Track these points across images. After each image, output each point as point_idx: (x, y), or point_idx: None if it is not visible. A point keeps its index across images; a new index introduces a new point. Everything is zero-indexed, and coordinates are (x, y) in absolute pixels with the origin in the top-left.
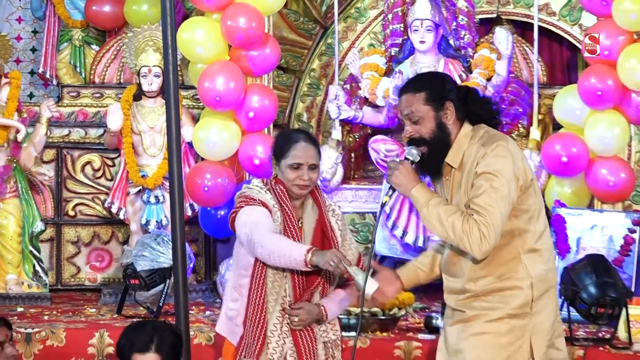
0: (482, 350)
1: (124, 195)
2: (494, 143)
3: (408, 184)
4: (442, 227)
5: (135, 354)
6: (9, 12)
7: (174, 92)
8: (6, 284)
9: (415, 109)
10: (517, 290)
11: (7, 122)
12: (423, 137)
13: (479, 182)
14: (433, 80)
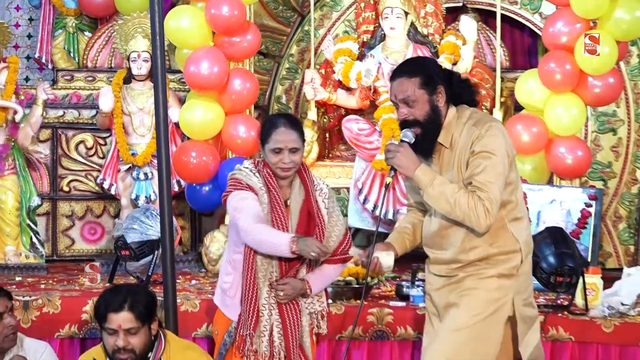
0: (474, 303)
1: (115, 172)
2: (486, 124)
3: (411, 164)
4: (447, 205)
5: (110, 314)
6: (9, 1)
7: (162, 76)
8: (5, 255)
9: (411, 93)
10: (506, 255)
11: (5, 103)
12: (417, 119)
13: (477, 161)
14: (426, 65)
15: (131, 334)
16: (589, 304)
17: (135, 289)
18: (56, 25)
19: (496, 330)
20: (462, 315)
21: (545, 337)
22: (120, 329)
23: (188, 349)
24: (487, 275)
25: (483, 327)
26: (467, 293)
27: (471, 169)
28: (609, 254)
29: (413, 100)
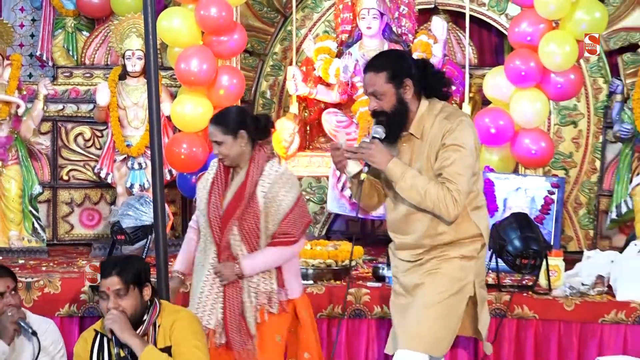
0: (439, 281)
1: (112, 162)
2: (457, 118)
3: (383, 159)
4: (418, 196)
5: (102, 280)
6: (14, 3)
7: (154, 73)
8: (9, 239)
9: (379, 88)
10: (469, 240)
11: (8, 98)
12: (385, 111)
13: (448, 153)
14: (394, 60)
15: (120, 296)
16: (551, 285)
17: (126, 257)
18: (56, 26)
19: (459, 308)
20: (429, 293)
21: (511, 315)
22: (109, 291)
23: (180, 311)
24: (450, 256)
25: (449, 304)
26: (432, 272)
27: (441, 161)
28: (570, 238)
29: (381, 93)
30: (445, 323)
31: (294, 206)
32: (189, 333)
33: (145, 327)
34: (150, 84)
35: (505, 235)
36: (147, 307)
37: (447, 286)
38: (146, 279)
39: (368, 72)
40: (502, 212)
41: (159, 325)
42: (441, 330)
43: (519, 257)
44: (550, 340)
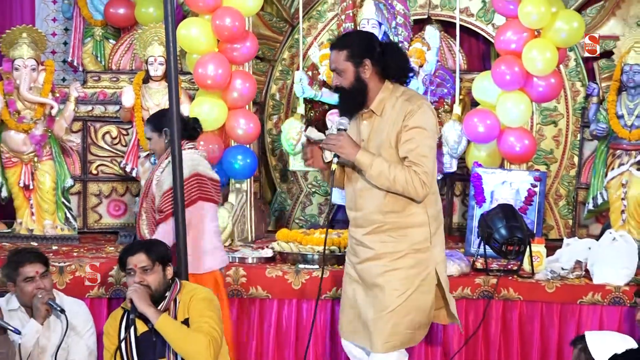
0: (397, 283)
1: (136, 158)
2: (418, 101)
3: (352, 149)
4: (387, 181)
5: (128, 257)
6: (46, 13)
7: (175, 77)
8: (44, 227)
9: (339, 65)
10: (417, 227)
11: (43, 100)
12: (344, 87)
13: (411, 135)
14: (356, 40)
15: (145, 272)
16: (534, 269)
17: (151, 239)
18: (86, 34)
19: (426, 300)
20: (388, 297)
21: (497, 296)
22: (136, 267)
23: (197, 288)
24: (402, 254)
25: (413, 302)
26: (389, 275)
27: (407, 145)
28: (551, 227)
29: (341, 70)
30: (412, 320)
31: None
32: (204, 305)
33: (166, 303)
34: (170, 87)
35: (492, 224)
36: (169, 285)
37: (406, 286)
38: (168, 260)
39: (332, 49)
40: (490, 204)
41: (179, 301)
42: (408, 329)
43: (505, 244)
44: (533, 319)
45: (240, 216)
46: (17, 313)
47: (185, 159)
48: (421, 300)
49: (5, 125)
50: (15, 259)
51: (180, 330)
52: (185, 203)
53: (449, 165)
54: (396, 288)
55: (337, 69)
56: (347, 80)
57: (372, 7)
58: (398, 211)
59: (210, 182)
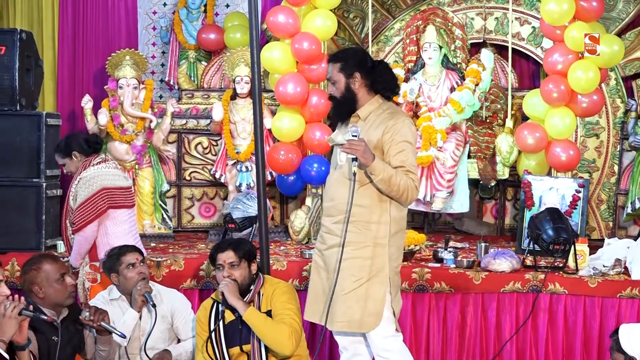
0: (355, 269)
1: (224, 165)
2: (401, 117)
3: (370, 155)
4: (393, 185)
5: (218, 254)
6: (147, 39)
7: (259, 94)
8: (143, 227)
9: (333, 75)
10: (379, 225)
11: (144, 114)
12: (335, 96)
13: (402, 147)
14: (349, 55)
15: (233, 267)
16: (578, 266)
17: (238, 238)
18: (181, 57)
19: (379, 290)
20: (346, 280)
21: (545, 290)
22: (225, 263)
23: (280, 282)
24: (363, 245)
25: (366, 289)
26: (350, 262)
27: (400, 156)
28: (593, 228)
29: (334, 80)
30: (364, 306)
31: (85, 202)
32: (285, 298)
33: (251, 295)
34: (255, 103)
35: (540, 226)
36: (254, 279)
37: (362, 274)
38: (253, 256)
39: (329, 62)
40: (538, 208)
41: (262, 294)
42: (361, 313)
43: (552, 243)
44: (577, 311)
45: (316, 217)
46: (118, 302)
47: (92, 176)
48: (374, 289)
49: (110, 137)
50: (117, 252)
51: (265, 321)
52: (97, 214)
53: (501, 173)
54: (353, 274)
55: (331, 79)
56: (338, 90)
57: (433, 32)
58: (365, 206)
59: (118, 190)
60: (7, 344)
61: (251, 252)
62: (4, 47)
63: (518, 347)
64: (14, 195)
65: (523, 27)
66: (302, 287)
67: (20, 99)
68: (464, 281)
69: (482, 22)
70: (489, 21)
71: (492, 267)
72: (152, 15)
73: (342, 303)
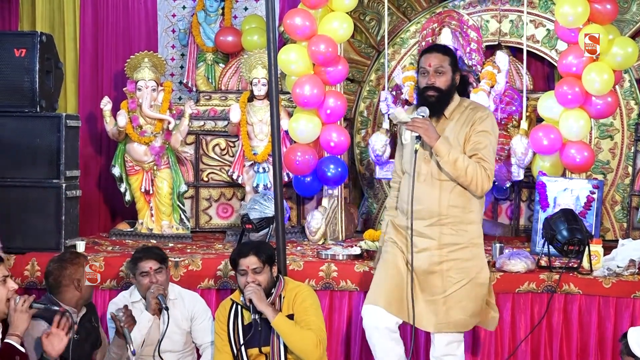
0: (454, 271)
1: (242, 166)
2: (486, 111)
3: (435, 135)
4: (460, 170)
5: (241, 259)
6: (166, 41)
7: (276, 96)
8: (161, 227)
9: (444, 65)
10: (474, 224)
11: (162, 116)
12: (440, 87)
13: (480, 138)
14: (454, 53)
15: (257, 273)
16: (593, 266)
17: (259, 242)
18: (199, 59)
19: (480, 291)
20: (446, 283)
21: (560, 291)
22: (249, 269)
23: (300, 285)
24: (460, 246)
25: (467, 291)
26: (447, 263)
27: (475, 144)
28: (607, 229)
29: (443, 71)
30: (467, 304)
31: None
32: (309, 304)
33: (273, 298)
34: (272, 105)
35: (555, 227)
36: (275, 282)
37: (463, 275)
38: (274, 259)
39: (435, 52)
40: (553, 208)
41: (284, 296)
42: (465, 311)
43: (566, 244)
44: (591, 311)
45: (332, 218)
46: (139, 304)
47: None
48: (475, 290)
49: (129, 138)
50: (136, 255)
51: (294, 328)
52: None
53: (516, 174)
54: (452, 276)
55: (440, 69)
56: (445, 82)
57: (449, 35)
58: (460, 206)
59: None
60: (22, 337)
61: (272, 255)
62: (24, 49)
63: (533, 347)
64: (34, 196)
65: (538, 29)
66: (319, 287)
67: (40, 100)
68: None
69: (497, 25)
70: (503, 24)
71: (507, 267)
72: (171, 18)
73: (443, 305)
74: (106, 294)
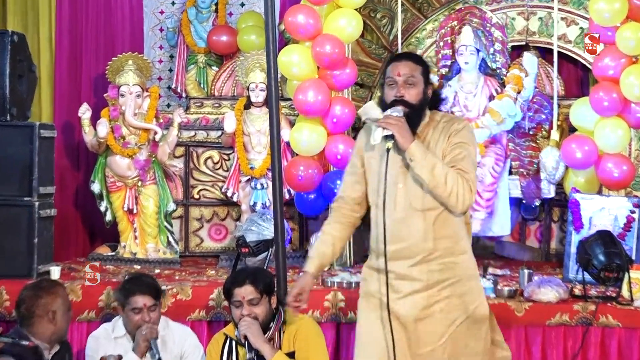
0: (448, 310)
1: (237, 182)
2: (462, 121)
3: (409, 136)
4: (438, 177)
5: (235, 289)
6: (154, 41)
7: (275, 103)
8: (147, 251)
9: (416, 75)
10: (466, 254)
11: (147, 125)
12: (410, 101)
13: (457, 149)
14: (426, 63)
15: (253, 305)
16: (633, 295)
17: (256, 269)
18: (189, 61)
19: (480, 328)
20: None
21: (596, 323)
22: (244, 300)
23: (302, 318)
24: (452, 281)
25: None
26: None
27: (452, 156)
28: None
29: (414, 82)
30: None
31: None
32: (311, 339)
33: (272, 333)
34: (271, 113)
35: (590, 251)
36: (274, 314)
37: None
38: (273, 289)
39: (405, 60)
40: (588, 230)
41: (284, 331)
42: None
43: (603, 270)
44: (633, 347)
45: None
46: (122, 340)
47: None
48: (474, 328)
49: (110, 150)
50: (128, 287)
51: None
52: None
53: (546, 191)
54: (446, 317)
55: (411, 80)
56: (416, 95)
57: (470, 34)
58: (449, 236)
59: None
60: None
61: (271, 284)
62: None
63: None
64: (2, 216)
65: (570, 28)
66: (324, 319)
67: (11, 108)
68: (505, 313)
69: (525, 23)
70: (531, 21)
71: (537, 296)
72: (159, 15)
73: (443, 353)
74: (83, 327)
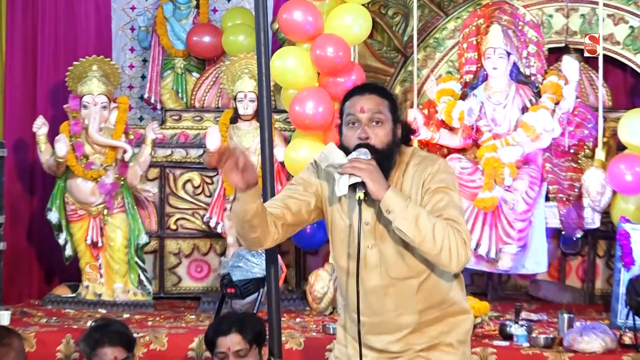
0: None
1: (222, 210)
2: (436, 161)
3: (383, 182)
4: (425, 230)
5: (219, 338)
6: (124, 43)
7: (268, 116)
8: (113, 292)
9: (383, 111)
10: (465, 315)
11: (115, 142)
12: (375, 146)
13: (437, 196)
14: (393, 96)
15: (241, 357)
16: None
17: (243, 314)
18: (165, 66)
19: None
20: None
21: None
22: (230, 351)
23: None
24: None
25: None
26: None
27: (432, 204)
28: None
29: (381, 119)
30: None
31: None
32: None
33: None
34: (263, 127)
35: None
36: None
37: None
38: (265, 338)
39: (370, 93)
40: None
41: None
42: None
43: None
44: None
45: None
46: None
47: None
48: None
49: (71, 172)
50: (96, 337)
51: None
52: None
53: (590, 220)
54: None
55: (377, 117)
56: (385, 137)
57: (499, 34)
58: (437, 304)
59: None
60: None
61: (262, 332)
62: None
63: None
64: None
65: (618, 26)
66: None
67: None
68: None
69: (564, 21)
70: (572, 19)
71: (579, 346)
72: (129, 11)
73: None
74: None
